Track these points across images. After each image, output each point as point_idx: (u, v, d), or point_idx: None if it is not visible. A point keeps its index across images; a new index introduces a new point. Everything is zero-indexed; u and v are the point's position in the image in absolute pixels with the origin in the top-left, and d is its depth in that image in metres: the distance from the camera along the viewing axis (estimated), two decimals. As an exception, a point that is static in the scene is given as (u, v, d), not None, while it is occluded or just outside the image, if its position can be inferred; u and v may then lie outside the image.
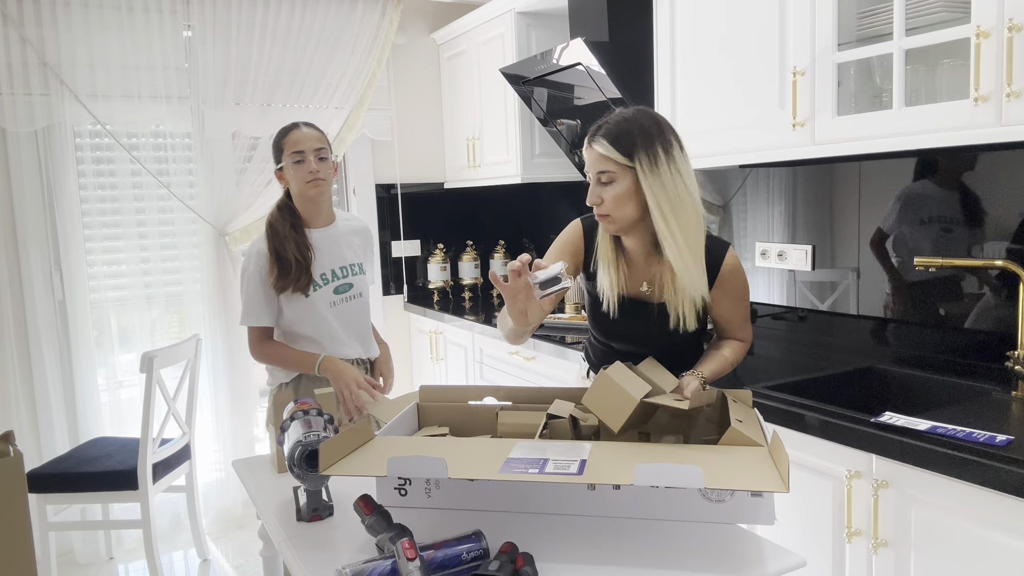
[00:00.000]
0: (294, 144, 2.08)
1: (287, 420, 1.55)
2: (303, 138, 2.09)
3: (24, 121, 3.04)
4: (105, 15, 3.12)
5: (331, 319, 2.15)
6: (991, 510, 1.40)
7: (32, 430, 3.17)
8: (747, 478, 1.21)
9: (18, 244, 3.11)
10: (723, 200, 2.80)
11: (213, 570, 3.10)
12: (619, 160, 1.54)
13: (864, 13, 1.91)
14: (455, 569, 1.19)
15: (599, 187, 1.58)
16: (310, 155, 2.08)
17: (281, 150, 2.12)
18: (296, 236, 2.10)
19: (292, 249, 2.07)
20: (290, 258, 2.07)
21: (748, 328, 1.77)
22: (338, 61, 3.55)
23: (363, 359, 2.27)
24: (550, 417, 1.56)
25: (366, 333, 2.28)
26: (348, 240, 2.23)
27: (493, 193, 4.08)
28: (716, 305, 1.68)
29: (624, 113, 1.58)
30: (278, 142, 2.13)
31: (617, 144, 1.54)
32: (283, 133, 2.13)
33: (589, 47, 2.58)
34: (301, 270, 2.08)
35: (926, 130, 1.71)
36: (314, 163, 2.08)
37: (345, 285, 2.19)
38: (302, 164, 2.07)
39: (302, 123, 2.14)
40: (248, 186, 3.43)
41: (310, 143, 2.09)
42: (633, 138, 1.53)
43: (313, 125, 2.15)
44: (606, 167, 1.56)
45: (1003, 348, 1.95)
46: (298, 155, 2.07)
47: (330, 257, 2.17)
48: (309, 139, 2.09)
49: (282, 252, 2.07)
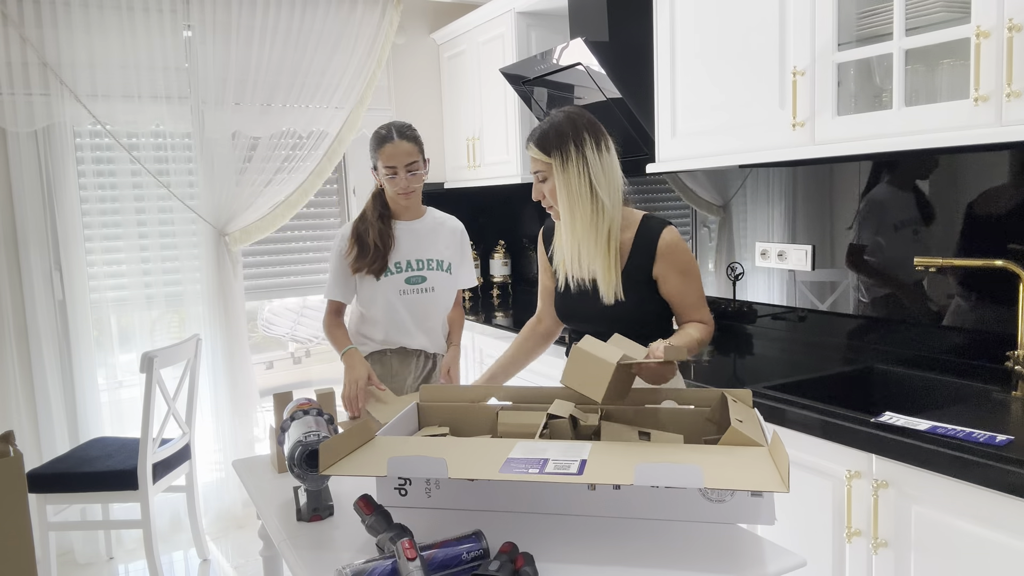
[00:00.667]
0: (387, 159, 2.17)
1: (287, 420, 1.55)
2: (396, 154, 2.16)
3: (24, 121, 3.04)
4: (105, 15, 3.12)
5: (399, 306, 2.27)
6: (991, 510, 1.40)
7: (32, 430, 3.17)
8: (747, 478, 1.21)
9: (18, 244, 3.11)
10: (723, 200, 2.81)
11: (213, 570, 3.10)
12: (543, 159, 1.75)
13: (864, 13, 1.91)
14: (455, 569, 1.19)
15: (538, 184, 1.79)
16: (401, 170, 2.18)
17: (376, 158, 2.20)
18: (381, 225, 2.24)
19: (374, 235, 2.22)
20: (370, 243, 2.22)
21: (705, 309, 1.82)
22: (338, 61, 3.55)
23: (429, 352, 2.38)
24: (550, 417, 1.56)
25: (435, 328, 2.37)
26: (435, 236, 2.33)
27: (493, 193, 4.08)
28: (664, 282, 1.78)
29: (551, 117, 1.77)
30: (374, 149, 2.21)
31: (540, 145, 1.75)
32: (379, 142, 2.19)
33: (589, 47, 2.58)
34: (378, 255, 2.22)
35: (926, 130, 1.71)
36: (405, 179, 2.19)
37: (418, 277, 2.29)
38: (394, 179, 2.19)
39: (395, 131, 2.19)
40: (248, 186, 3.43)
41: (402, 159, 2.17)
42: (550, 139, 1.74)
43: (406, 133, 2.20)
44: (537, 167, 1.77)
45: (1003, 348, 1.95)
46: (391, 170, 2.18)
47: (410, 248, 2.28)
48: (401, 154, 2.17)
49: (364, 236, 2.24)
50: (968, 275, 2.03)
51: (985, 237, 1.98)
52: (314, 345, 5.18)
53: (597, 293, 1.78)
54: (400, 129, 2.20)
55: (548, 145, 1.73)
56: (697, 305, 1.81)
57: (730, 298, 2.81)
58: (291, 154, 3.52)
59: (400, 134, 2.18)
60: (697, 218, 2.94)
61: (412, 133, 2.22)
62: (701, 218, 2.92)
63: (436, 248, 2.32)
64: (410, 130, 2.22)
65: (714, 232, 2.86)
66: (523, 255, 4.14)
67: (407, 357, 2.36)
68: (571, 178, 1.72)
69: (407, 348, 2.34)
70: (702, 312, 1.82)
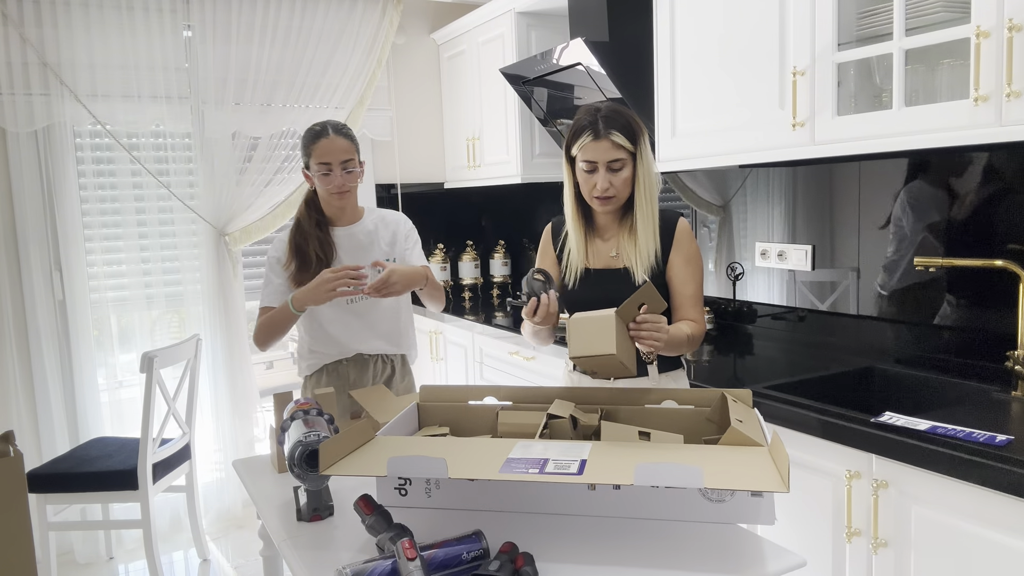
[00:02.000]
0: (321, 155, 2.05)
1: (287, 420, 1.55)
2: (331, 149, 2.05)
3: (24, 121, 3.04)
4: (105, 15, 3.12)
5: (348, 315, 2.16)
6: (991, 510, 1.40)
7: (32, 430, 3.17)
8: (748, 478, 1.21)
9: (18, 244, 3.11)
10: (723, 200, 2.81)
11: (213, 570, 3.10)
12: (629, 148, 1.76)
13: (864, 13, 1.91)
14: (455, 569, 1.19)
15: (609, 174, 1.77)
16: (336, 168, 2.07)
17: (308, 155, 2.09)
18: (319, 234, 2.11)
19: (314, 246, 2.10)
20: (311, 254, 2.09)
21: (700, 309, 1.86)
22: (338, 61, 3.56)
23: (388, 355, 2.26)
24: (550, 417, 1.56)
25: (391, 329, 2.24)
26: (376, 237, 2.21)
27: (493, 193, 4.08)
28: (671, 267, 1.85)
29: (614, 107, 1.79)
30: (307, 146, 2.09)
31: (627, 134, 1.75)
32: (312, 138, 2.08)
33: (589, 47, 2.58)
34: (321, 266, 2.08)
35: (926, 130, 1.71)
36: (340, 176, 2.07)
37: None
38: (328, 176, 2.07)
39: (331, 128, 2.08)
40: (248, 186, 3.43)
41: (337, 155, 2.06)
42: (633, 128, 1.77)
43: (343, 130, 2.10)
44: (619, 155, 1.76)
45: (1003, 348, 1.95)
46: (324, 167, 2.06)
47: (351, 255, 2.16)
48: (336, 151, 2.06)
49: (303, 247, 2.10)
50: (968, 275, 2.03)
51: (985, 237, 1.98)
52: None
53: (628, 278, 1.83)
54: (336, 126, 2.09)
55: (634, 134, 1.75)
56: (694, 300, 1.84)
57: (730, 298, 2.81)
58: (291, 154, 3.52)
59: (335, 130, 2.08)
60: (697, 218, 2.94)
61: (348, 131, 2.11)
62: (701, 218, 2.92)
63: (379, 249, 2.20)
64: (346, 128, 2.12)
65: (714, 232, 2.86)
66: (523, 255, 4.14)
67: (364, 364, 2.23)
68: (649, 166, 1.80)
69: (364, 355, 2.22)
70: (697, 310, 1.85)
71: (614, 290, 1.82)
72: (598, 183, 1.77)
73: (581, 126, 1.77)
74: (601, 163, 1.76)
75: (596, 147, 1.75)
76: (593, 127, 1.74)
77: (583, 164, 1.78)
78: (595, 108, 1.79)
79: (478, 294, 4.07)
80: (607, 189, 1.77)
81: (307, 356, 2.24)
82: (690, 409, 1.59)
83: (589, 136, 1.75)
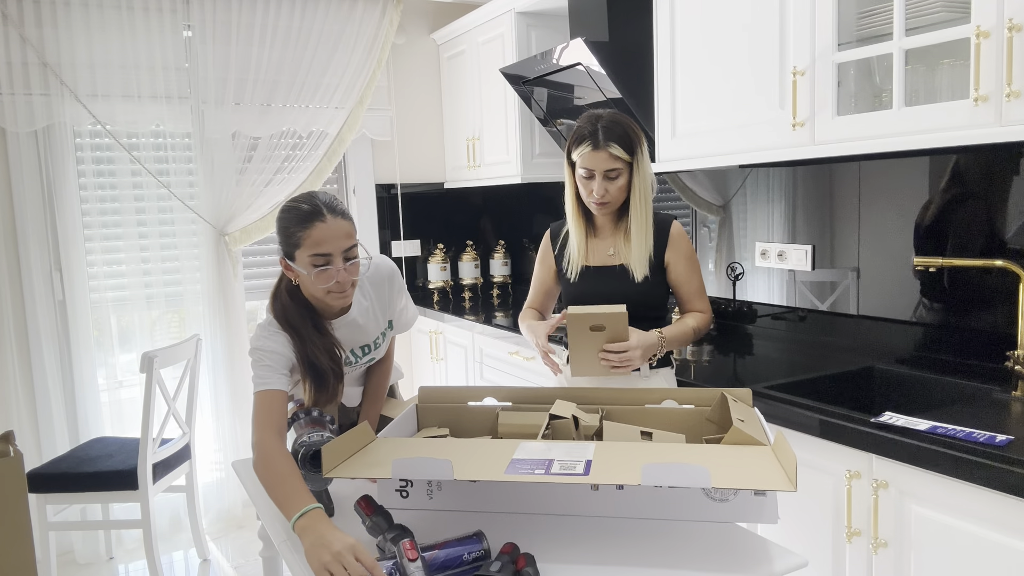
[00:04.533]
0: (316, 243, 1.52)
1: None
2: (330, 236, 1.52)
3: (24, 121, 3.03)
4: (105, 15, 3.12)
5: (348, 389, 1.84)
6: (991, 510, 1.40)
7: (32, 430, 3.17)
8: (754, 477, 1.21)
9: (18, 244, 3.11)
10: (723, 200, 2.81)
11: (213, 570, 3.10)
12: (625, 158, 1.85)
13: (864, 13, 1.91)
14: (457, 570, 1.19)
15: (606, 182, 1.87)
16: (338, 259, 1.54)
17: (296, 244, 1.53)
18: (322, 340, 1.63)
19: (326, 360, 1.62)
20: (326, 368, 1.62)
21: (706, 299, 2.02)
22: (338, 61, 3.55)
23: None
24: (552, 417, 1.57)
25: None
26: (369, 316, 1.78)
27: (493, 193, 4.08)
28: (672, 268, 1.96)
29: (614, 116, 1.87)
30: (292, 231, 1.54)
31: (624, 145, 1.84)
32: (301, 220, 1.53)
33: (589, 47, 2.58)
34: (338, 381, 1.66)
35: (926, 130, 1.71)
36: (342, 270, 1.54)
37: (368, 360, 1.84)
38: (324, 272, 1.53)
39: (324, 207, 1.53)
40: (248, 186, 3.43)
41: (339, 243, 1.53)
42: (631, 139, 1.86)
43: (338, 209, 1.56)
44: (615, 165, 1.85)
45: (1003, 348, 1.95)
46: (322, 259, 1.53)
47: (351, 340, 1.75)
48: (337, 236, 1.53)
49: (317, 363, 1.61)
50: (968, 275, 2.03)
51: (985, 237, 1.98)
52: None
53: (624, 274, 1.94)
54: (330, 204, 1.54)
55: (631, 145, 1.85)
56: (699, 292, 1.99)
57: (730, 298, 2.81)
58: (291, 154, 3.52)
59: (331, 210, 1.53)
60: (697, 218, 2.94)
61: (345, 209, 1.58)
62: (701, 218, 2.92)
63: (377, 321, 1.80)
64: (342, 205, 1.58)
65: (714, 232, 2.87)
66: (523, 255, 4.14)
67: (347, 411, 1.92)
68: (645, 174, 1.89)
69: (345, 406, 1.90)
70: (703, 300, 2.00)
71: (611, 286, 1.96)
72: (594, 190, 1.87)
73: (582, 135, 1.86)
74: (598, 172, 1.85)
75: (594, 157, 1.84)
76: (593, 137, 1.83)
77: (581, 171, 1.88)
78: (596, 116, 1.87)
79: (478, 294, 4.07)
80: (603, 196, 1.87)
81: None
82: (690, 409, 1.59)
83: (588, 146, 1.84)
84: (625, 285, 1.94)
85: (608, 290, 1.96)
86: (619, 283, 1.95)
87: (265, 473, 1.38)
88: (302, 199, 1.56)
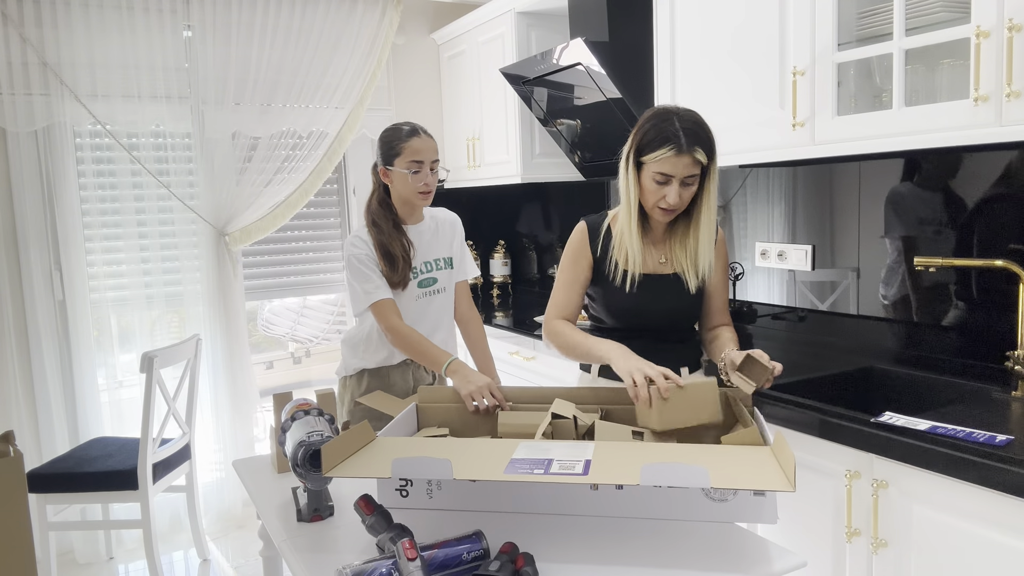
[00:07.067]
0: (415, 153, 2.05)
1: (288, 420, 1.55)
2: (425, 148, 2.06)
3: (24, 121, 3.03)
4: (105, 15, 3.12)
5: (414, 314, 2.15)
6: (991, 510, 1.40)
7: (32, 430, 3.17)
8: (753, 477, 1.21)
9: (18, 244, 3.11)
10: (723, 200, 2.81)
11: (213, 570, 3.10)
12: (705, 164, 1.70)
13: (864, 13, 1.91)
14: (456, 569, 1.19)
15: (682, 188, 1.70)
16: (427, 167, 2.07)
17: (396, 153, 2.07)
18: (398, 234, 2.11)
19: (399, 249, 2.09)
20: (397, 255, 2.08)
21: (728, 312, 1.93)
22: (338, 61, 3.55)
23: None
24: (553, 417, 1.57)
25: (447, 331, 2.26)
26: (438, 234, 2.23)
27: (493, 193, 4.08)
28: (711, 277, 1.85)
29: (693, 116, 1.70)
30: (393, 144, 2.08)
31: (707, 150, 1.69)
32: (402, 136, 2.08)
33: (589, 47, 2.58)
34: (407, 267, 2.10)
35: (926, 130, 1.71)
36: (429, 176, 2.08)
37: (430, 279, 2.18)
38: (418, 175, 2.06)
39: (421, 129, 2.11)
40: (248, 186, 3.43)
41: (430, 154, 2.07)
42: (713, 144, 1.71)
43: (429, 133, 2.12)
44: (696, 171, 1.69)
45: (1003, 348, 1.95)
46: (417, 165, 2.06)
47: (420, 252, 2.17)
48: (429, 150, 2.07)
49: (390, 247, 2.08)
50: (968, 275, 2.03)
51: (985, 237, 1.98)
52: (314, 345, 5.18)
53: (679, 284, 1.82)
54: (423, 128, 2.12)
55: (713, 148, 1.70)
56: (726, 305, 1.92)
57: (730, 298, 2.81)
58: (291, 154, 3.52)
59: (424, 131, 2.11)
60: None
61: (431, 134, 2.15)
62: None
63: (442, 246, 2.23)
64: (428, 131, 2.15)
65: (714, 232, 2.86)
66: (523, 255, 4.14)
67: (406, 369, 2.24)
68: (716, 180, 1.75)
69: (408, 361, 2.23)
70: (727, 314, 1.92)
71: (666, 296, 1.83)
72: (668, 196, 1.69)
73: (663, 136, 1.66)
74: (677, 177, 1.68)
75: (677, 162, 1.66)
76: (676, 140, 1.65)
77: (657, 175, 1.68)
78: (671, 113, 1.69)
79: (478, 294, 4.06)
80: (677, 203, 1.70)
81: (359, 354, 2.20)
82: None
83: (671, 149, 1.65)
84: (681, 296, 1.82)
85: (664, 301, 1.83)
86: (674, 294, 1.82)
87: (405, 344, 2.05)
88: (400, 123, 2.13)
